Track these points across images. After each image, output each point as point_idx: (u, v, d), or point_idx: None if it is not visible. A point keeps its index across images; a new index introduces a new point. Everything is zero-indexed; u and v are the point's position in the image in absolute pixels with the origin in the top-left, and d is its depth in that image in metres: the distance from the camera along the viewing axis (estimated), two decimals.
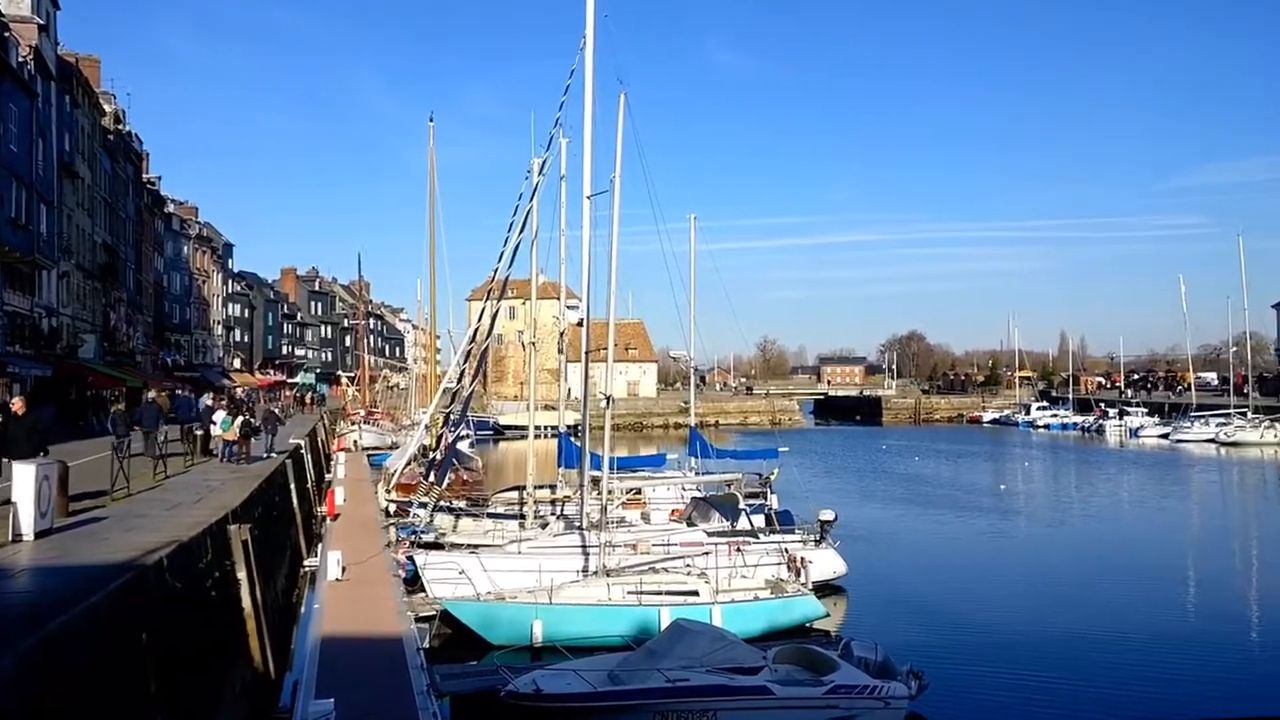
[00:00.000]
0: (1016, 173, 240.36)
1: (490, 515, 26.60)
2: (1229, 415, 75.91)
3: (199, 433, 27.85)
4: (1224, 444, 70.36)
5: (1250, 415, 75.31)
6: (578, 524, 22.52)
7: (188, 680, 10.98)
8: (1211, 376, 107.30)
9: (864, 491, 45.72)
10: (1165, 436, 77.34)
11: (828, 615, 19.85)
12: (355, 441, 49.68)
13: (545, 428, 37.85)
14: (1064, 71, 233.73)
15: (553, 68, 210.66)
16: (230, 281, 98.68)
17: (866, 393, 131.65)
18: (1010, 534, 34.10)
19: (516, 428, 67.82)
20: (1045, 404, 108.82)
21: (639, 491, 28.65)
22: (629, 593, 18.67)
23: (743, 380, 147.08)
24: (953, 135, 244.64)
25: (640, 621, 17.71)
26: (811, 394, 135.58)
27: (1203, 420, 77.20)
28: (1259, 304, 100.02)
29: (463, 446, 39.18)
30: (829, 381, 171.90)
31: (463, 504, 28.22)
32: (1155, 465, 59.85)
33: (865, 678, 13.83)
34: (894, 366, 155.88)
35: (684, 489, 29.22)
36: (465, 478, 35.87)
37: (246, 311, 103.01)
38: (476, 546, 21.76)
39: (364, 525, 24.29)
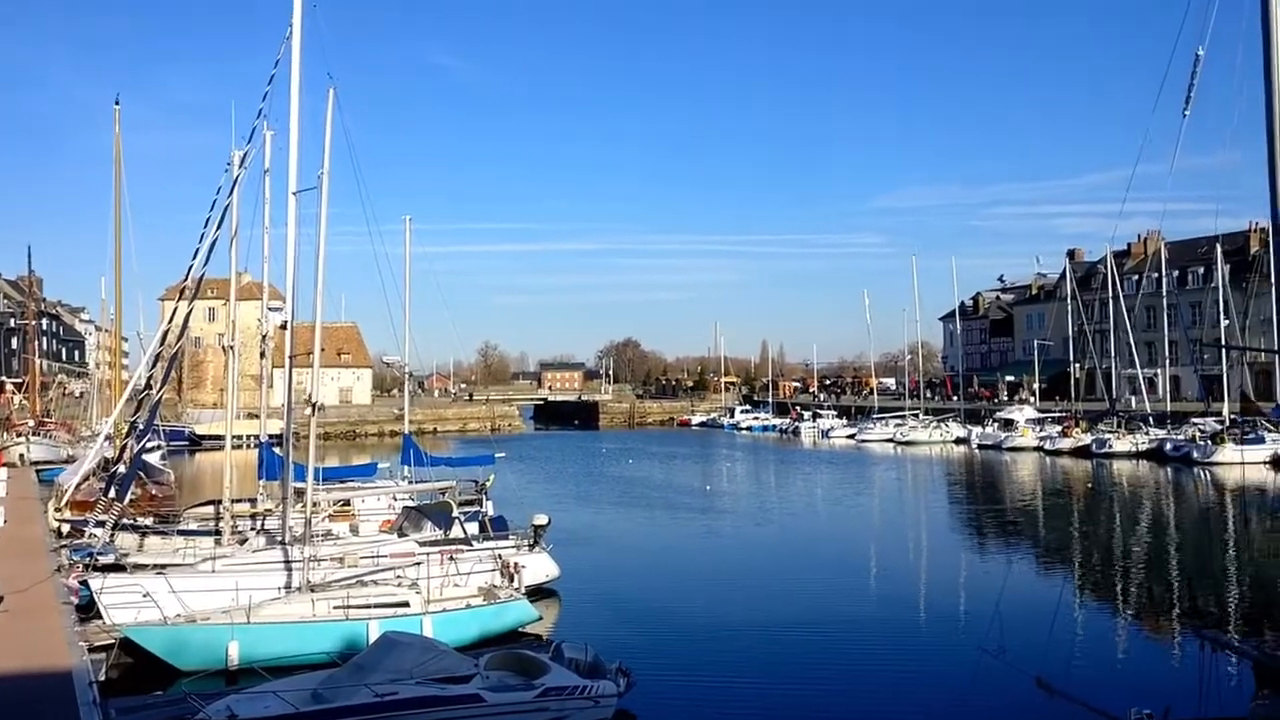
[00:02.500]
0: (726, 190, 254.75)
1: (181, 532, 24.56)
2: (904, 417, 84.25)
3: None
4: (900, 443, 77.79)
5: (922, 416, 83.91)
6: (280, 539, 21.29)
7: None
8: (891, 382, 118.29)
9: (580, 495, 46.57)
10: (852, 437, 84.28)
11: (541, 619, 20.00)
12: (21, 455, 44.42)
13: (247, 437, 35.61)
14: (772, 96, 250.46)
15: (259, 55, 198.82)
16: None
17: (585, 398, 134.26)
18: (716, 532, 35.93)
19: (214, 437, 63.16)
20: (748, 407, 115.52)
21: (348, 503, 27.56)
22: (335, 607, 17.86)
23: (463, 386, 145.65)
24: (664, 150, 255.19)
25: (347, 637, 17.00)
26: (532, 399, 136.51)
27: (883, 422, 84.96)
28: (929, 317, 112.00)
29: (152, 458, 36.11)
30: (550, 387, 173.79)
31: (150, 521, 25.91)
32: (843, 463, 65.23)
33: (576, 678, 14.02)
34: (611, 372, 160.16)
35: (396, 498, 28.46)
36: (154, 492, 32.98)
37: None
38: (164, 566, 19.99)
39: (28, 548, 21.75)
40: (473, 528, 24.40)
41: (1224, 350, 68.73)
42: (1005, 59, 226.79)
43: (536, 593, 21.79)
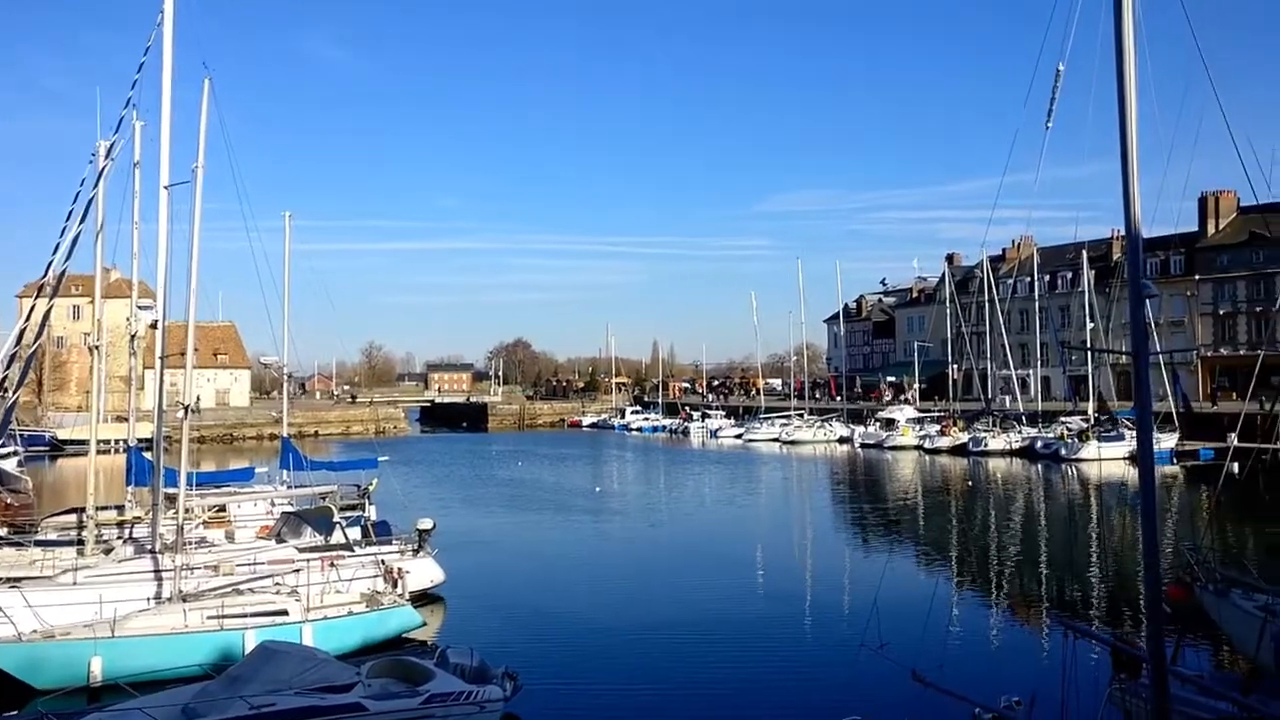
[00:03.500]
0: (617, 192, 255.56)
1: (39, 543, 23.25)
2: (790, 417, 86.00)
3: None
4: (785, 442, 79.28)
5: (807, 416, 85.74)
6: (150, 547, 20.38)
7: None
8: (778, 382, 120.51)
9: (468, 498, 46.02)
10: (739, 437, 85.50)
11: (425, 625, 19.70)
12: None
13: (115, 441, 34.00)
14: (657, 100, 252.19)
15: (129, 42, 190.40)
16: None
17: (474, 399, 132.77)
18: (607, 533, 35.99)
19: (78, 442, 60.11)
20: (638, 408, 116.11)
21: (223, 508, 26.57)
22: (209, 618, 17.19)
23: (346, 388, 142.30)
24: (554, 150, 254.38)
25: (222, 648, 16.40)
26: (419, 401, 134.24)
27: (769, 422, 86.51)
28: (815, 319, 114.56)
29: (7, 465, 34.22)
30: (437, 388, 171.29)
31: (3, 532, 24.50)
32: (731, 463, 66.13)
33: (461, 684, 13.83)
34: (500, 373, 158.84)
35: (274, 504, 27.56)
36: (9, 501, 31.16)
37: None
38: (18, 580, 18.91)
39: None
40: (355, 533, 23.84)
41: (1089, 353, 72.45)
42: (886, 68, 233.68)
43: (421, 598, 21.51)
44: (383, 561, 21.15)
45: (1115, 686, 12.31)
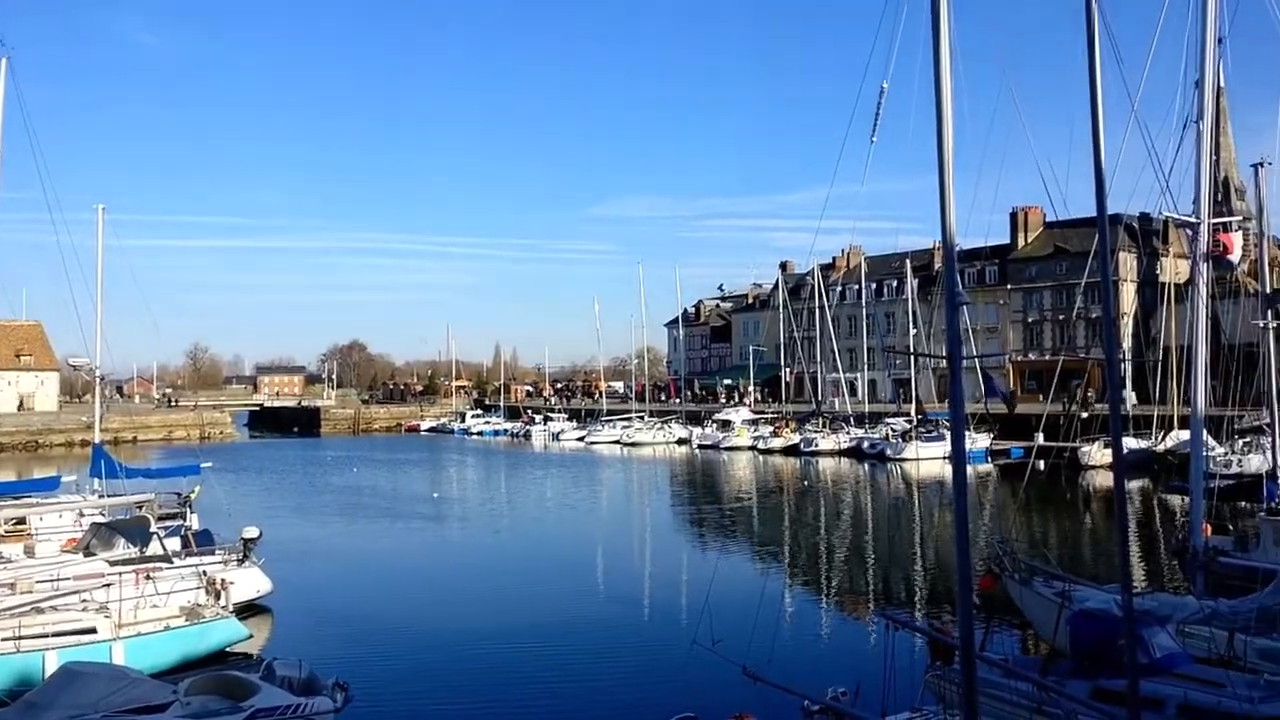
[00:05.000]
0: (460, 191, 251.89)
1: None
2: (631, 419, 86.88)
3: None
4: (626, 444, 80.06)
5: (647, 419, 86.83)
6: None
7: None
8: (620, 385, 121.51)
9: (299, 506, 44.37)
10: (581, 439, 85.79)
11: (251, 637, 18.88)
12: None
13: None
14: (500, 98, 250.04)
15: None
16: None
17: (306, 403, 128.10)
18: (445, 539, 35.45)
19: None
20: (479, 412, 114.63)
21: (22, 521, 24.68)
22: (3, 639, 15.93)
23: (167, 391, 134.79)
24: (393, 147, 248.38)
25: (18, 671, 15.23)
26: (247, 405, 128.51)
27: (611, 424, 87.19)
28: (656, 322, 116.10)
29: None
30: (268, 392, 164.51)
31: None
32: (572, 465, 66.20)
33: (288, 697, 13.32)
34: (335, 376, 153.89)
35: (83, 514, 25.78)
36: None
37: None
38: None
39: None
40: (174, 543, 22.57)
41: (909, 356, 76.39)
42: (722, 81, 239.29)
43: (247, 610, 20.63)
44: (204, 573, 20.12)
45: (932, 673, 13.04)
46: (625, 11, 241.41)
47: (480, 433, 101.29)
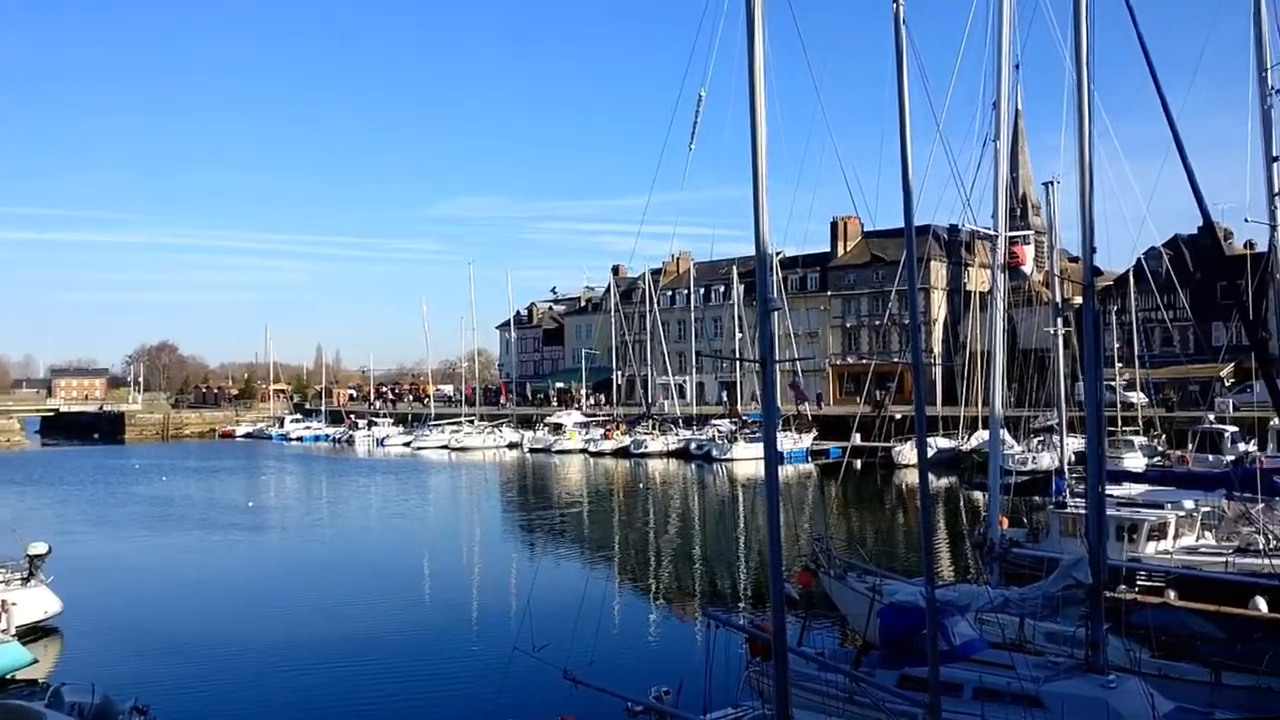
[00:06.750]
0: (280, 186, 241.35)
1: None
2: (460, 423, 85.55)
3: None
4: (454, 449, 78.79)
5: (477, 423, 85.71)
6: None
7: None
8: (449, 388, 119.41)
9: (98, 519, 41.46)
10: (408, 445, 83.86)
11: (37, 662, 17.46)
12: None
13: None
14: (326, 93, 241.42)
15: None
16: None
17: (109, 408, 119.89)
18: (261, 550, 33.93)
19: None
20: (299, 416, 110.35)
21: None
22: None
23: None
24: (207, 138, 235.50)
25: None
26: (39, 410, 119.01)
27: (439, 428, 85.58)
28: (488, 325, 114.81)
29: None
30: (63, 395, 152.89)
31: None
32: (398, 472, 64.53)
33: None
34: (142, 379, 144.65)
35: None
36: None
37: None
38: None
39: None
40: None
41: (739, 361, 78.45)
42: (557, 82, 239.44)
43: (32, 632, 19.11)
44: None
45: (751, 669, 13.38)
46: (457, 9, 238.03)
47: (300, 438, 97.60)
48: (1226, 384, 52.63)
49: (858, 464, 48.32)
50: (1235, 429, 38.60)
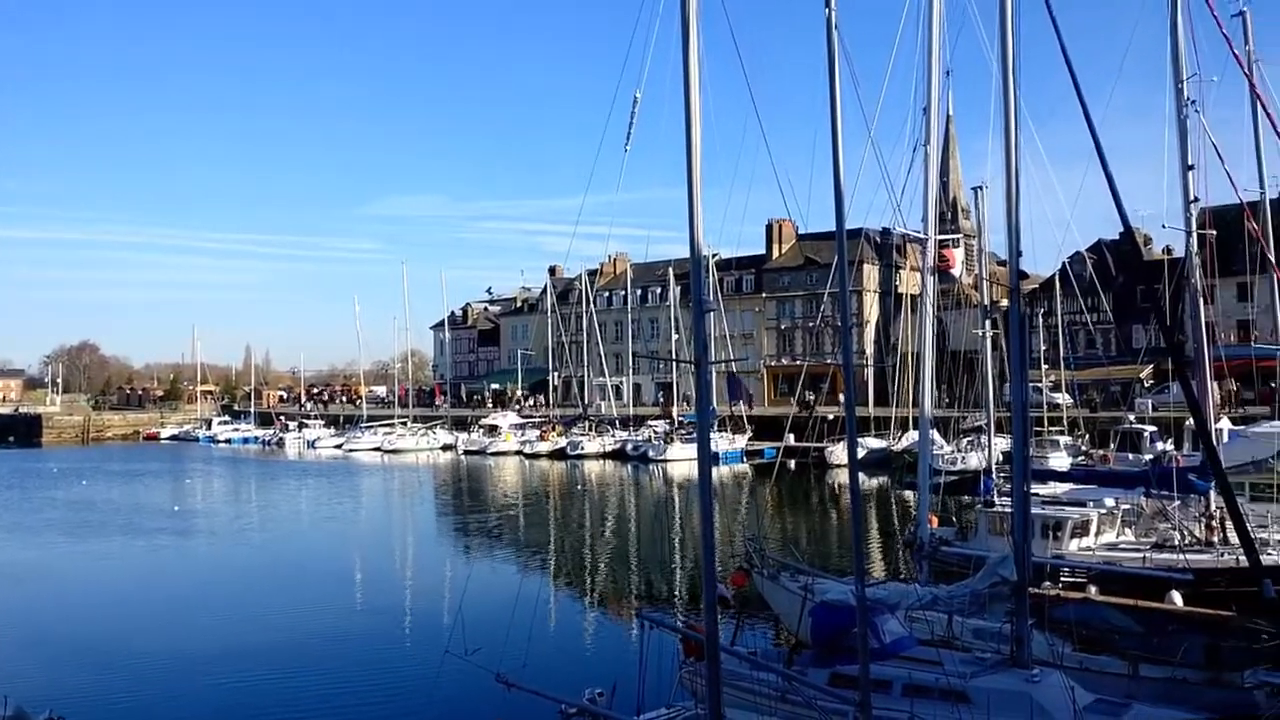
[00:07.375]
0: (207, 184, 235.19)
1: None
2: (394, 425, 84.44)
3: None
4: (387, 451, 77.77)
5: (410, 424, 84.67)
6: None
7: None
8: (383, 390, 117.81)
9: (11, 525, 40.11)
10: (340, 447, 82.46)
11: None
12: None
13: None
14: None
15: None
16: None
17: (25, 410, 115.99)
18: (187, 555, 33.13)
19: None
20: (227, 419, 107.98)
21: None
22: None
23: None
24: (128, 135, 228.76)
25: None
26: None
27: (372, 430, 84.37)
28: (421, 325, 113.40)
29: None
30: None
31: None
32: (329, 475, 63.43)
33: None
34: (60, 380, 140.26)
35: None
36: None
37: None
38: None
39: None
40: None
41: (674, 362, 78.75)
42: (493, 81, 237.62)
43: None
44: None
45: (684, 670, 13.41)
46: (393, 5, 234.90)
47: (229, 441, 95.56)
48: (1146, 385, 54.29)
49: (791, 464, 48.73)
50: (1154, 429, 39.76)
